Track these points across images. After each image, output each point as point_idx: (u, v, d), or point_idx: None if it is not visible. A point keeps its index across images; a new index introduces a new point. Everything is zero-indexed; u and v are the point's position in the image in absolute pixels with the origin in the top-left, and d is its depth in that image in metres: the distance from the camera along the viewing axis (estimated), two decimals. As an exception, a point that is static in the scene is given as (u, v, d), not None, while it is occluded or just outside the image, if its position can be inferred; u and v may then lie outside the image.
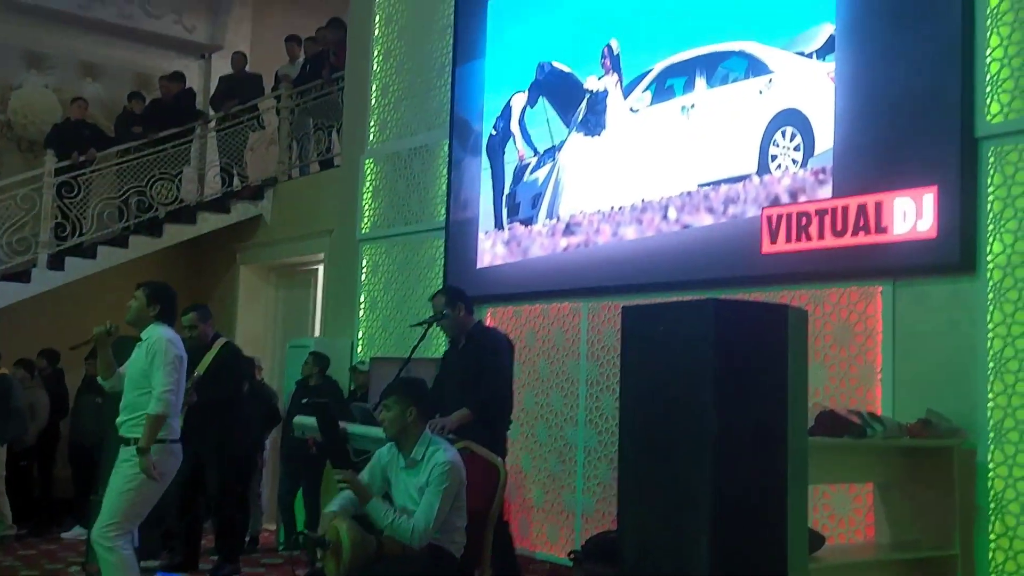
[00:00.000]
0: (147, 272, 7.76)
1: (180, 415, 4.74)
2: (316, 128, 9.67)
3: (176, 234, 9.61)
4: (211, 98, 10.56)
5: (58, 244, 8.94)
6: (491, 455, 4.20)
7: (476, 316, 5.98)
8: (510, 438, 5.50)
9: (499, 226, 7.36)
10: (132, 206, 9.34)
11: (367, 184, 8.69)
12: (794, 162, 5.44)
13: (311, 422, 5.45)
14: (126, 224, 9.36)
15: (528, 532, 6.84)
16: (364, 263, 8.62)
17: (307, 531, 3.86)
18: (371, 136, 8.77)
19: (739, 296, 5.18)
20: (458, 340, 5.24)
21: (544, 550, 6.74)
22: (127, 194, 9.31)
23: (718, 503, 3.15)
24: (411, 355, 5.25)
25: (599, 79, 6.68)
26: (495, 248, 7.35)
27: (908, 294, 4.96)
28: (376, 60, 8.73)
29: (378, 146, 8.68)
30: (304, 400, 6.95)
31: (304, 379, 7.54)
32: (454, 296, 5.26)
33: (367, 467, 4.11)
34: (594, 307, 6.70)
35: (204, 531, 6.61)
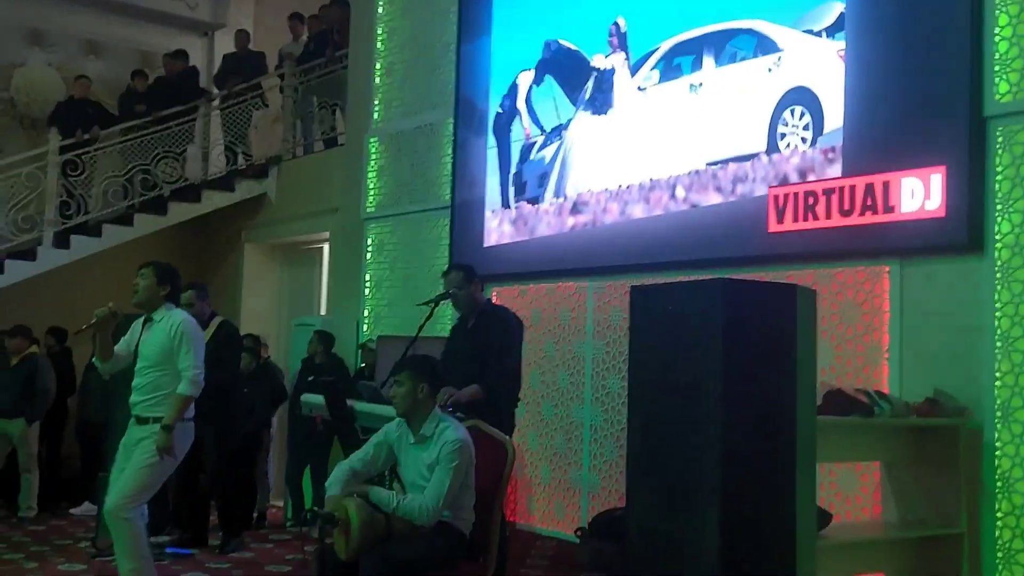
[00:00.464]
0: (152, 251, 7.75)
1: None
2: (320, 107, 9.64)
3: (181, 212, 9.60)
4: (214, 76, 10.53)
5: (63, 222, 8.94)
6: (499, 434, 4.21)
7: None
8: (517, 416, 5.52)
9: (506, 205, 7.35)
10: (137, 184, 9.33)
11: (372, 163, 8.67)
12: (803, 141, 5.43)
13: (319, 400, 5.47)
14: (131, 202, 9.35)
15: (534, 509, 6.89)
16: (369, 242, 8.62)
17: (316, 508, 3.86)
18: (376, 115, 8.74)
19: (746, 275, 5.18)
20: (468, 317, 5.20)
21: (550, 527, 6.78)
22: (131, 172, 9.30)
23: (726, 481, 3.17)
24: (418, 333, 5.24)
25: (606, 57, 6.66)
26: (502, 227, 7.35)
27: (916, 273, 4.96)
28: (380, 39, 8.69)
29: (383, 125, 8.66)
30: (310, 378, 6.99)
31: (310, 357, 7.56)
32: (470, 273, 5.22)
33: (372, 441, 4.11)
34: (600, 286, 6.71)
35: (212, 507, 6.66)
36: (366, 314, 8.52)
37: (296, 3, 10.63)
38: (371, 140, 8.69)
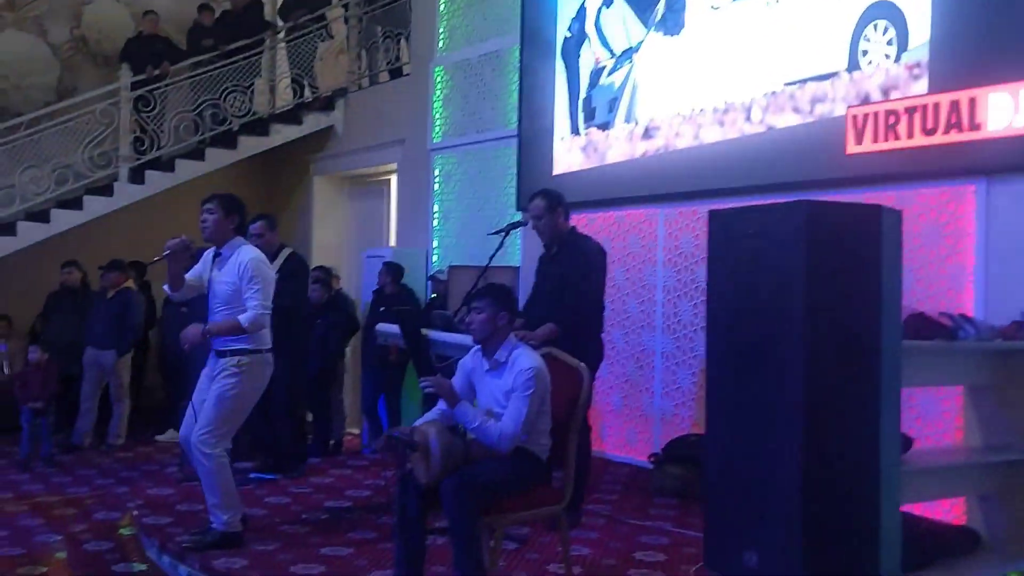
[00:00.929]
0: (223, 185, 7.85)
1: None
2: (385, 36, 9.58)
3: (250, 146, 9.70)
4: (279, 8, 10.51)
5: (137, 158, 9.09)
6: (573, 360, 4.21)
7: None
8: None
9: (575, 132, 7.26)
10: (207, 119, 9.43)
11: (438, 93, 8.63)
12: (886, 57, 5.23)
13: (393, 330, 5.53)
14: (201, 137, 9.46)
15: (606, 436, 6.93)
16: (436, 173, 8.62)
17: (396, 434, 3.92)
18: (441, 43, 8.66)
19: (823, 198, 5.06)
20: (551, 246, 5.12)
21: (623, 453, 6.83)
22: (201, 107, 9.39)
23: (809, 406, 3.13)
24: (489, 263, 5.23)
25: (677, -25, 6.47)
26: (571, 154, 7.27)
27: (1002, 193, 4.79)
28: (444, -36, 8.58)
29: (448, 54, 8.58)
30: (381, 309, 7.08)
31: (380, 288, 7.65)
32: (553, 200, 5.06)
33: (455, 377, 4.15)
34: (671, 213, 6.63)
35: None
36: (435, 245, 8.57)
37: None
38: (436, 69, 8.62)
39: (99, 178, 8.97)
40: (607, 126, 6.99)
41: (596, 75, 7.13)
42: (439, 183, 8.60)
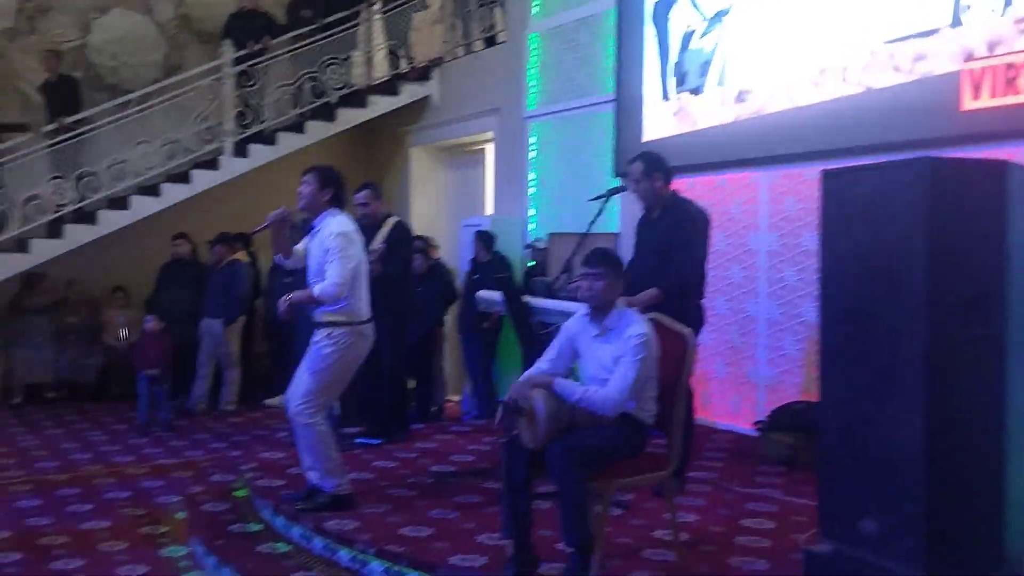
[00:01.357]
0: (322, 157, 7.98)
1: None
2: (480, 5, 9.56)
3: (348, 118, 9.83)
4: (374, -20, 10.57)
5: (241, 132, 9.31)
6: (678, 325, 4.16)
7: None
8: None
9: (666, 97, 7.14)
10: (306, 92, 9.58)
11: (532, 60, 8.58)
12: (992, 11, 4.98)
13: (495, 296, 5.56)
14: (301, 110, 9.63)
15: (709, 403, 6.86)
16: (532, 140, 8.59)
17: (503, 399, 3.94)
18: (535, 10, 8.60)
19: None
20: (652, 210, 5.03)
21: (726, 420, 6.75)
22: (300, 80, 9.54)
23: (932, 371, 3.03)
24: (589, 228, 5.19)
25: (778, -68, 6.27)
26: (663, 119, 7.15)
27: None
28: (538, -71, 8.49)
29: (542, 20, 8.52)
30: (475, 276, 7.14)
31: (475, 257, 7.71)
32: (650, 164, 4.96)
33: (555, 341, 4.14)
34: (773, 176, 6.47)
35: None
36: (532, 213, 8.56)
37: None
38: (531, 36, 8.57)
39: (205, 152, 9.22)
40: (698, 90, 6.85)
41: (687, 39, 6.98)
42: (535, 150, 8.58)
